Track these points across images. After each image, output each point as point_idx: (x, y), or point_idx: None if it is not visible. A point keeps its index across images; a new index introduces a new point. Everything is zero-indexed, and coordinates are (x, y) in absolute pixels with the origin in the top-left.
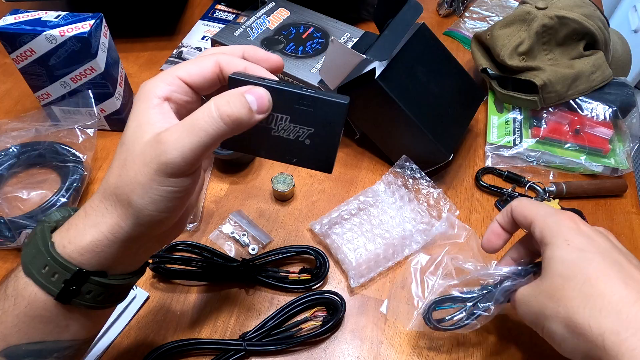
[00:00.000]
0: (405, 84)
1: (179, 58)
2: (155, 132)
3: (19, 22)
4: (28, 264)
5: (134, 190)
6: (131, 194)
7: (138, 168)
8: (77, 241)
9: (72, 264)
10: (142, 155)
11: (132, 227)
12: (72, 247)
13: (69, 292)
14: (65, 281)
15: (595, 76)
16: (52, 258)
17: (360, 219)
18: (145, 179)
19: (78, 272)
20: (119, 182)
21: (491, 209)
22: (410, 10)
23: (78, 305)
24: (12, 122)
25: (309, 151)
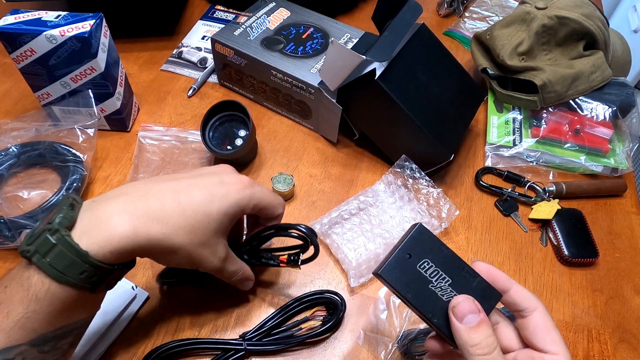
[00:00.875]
0: (405, 84)
1: (179, 58)
2: (225, 246)
3: (19, 22)
4: (63, 273)
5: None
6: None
7: (197, 239)
8: (108, 243)
9: (109, 264)
10: (203, 238)
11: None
12: (101, 250)
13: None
14: (100, 278)
15: (595, 76)
16: (92, 265)
17: (360, 219)
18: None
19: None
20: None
21: (491, 209)
22: (410, 11)
23: (100, 292)
24: (12, 122)
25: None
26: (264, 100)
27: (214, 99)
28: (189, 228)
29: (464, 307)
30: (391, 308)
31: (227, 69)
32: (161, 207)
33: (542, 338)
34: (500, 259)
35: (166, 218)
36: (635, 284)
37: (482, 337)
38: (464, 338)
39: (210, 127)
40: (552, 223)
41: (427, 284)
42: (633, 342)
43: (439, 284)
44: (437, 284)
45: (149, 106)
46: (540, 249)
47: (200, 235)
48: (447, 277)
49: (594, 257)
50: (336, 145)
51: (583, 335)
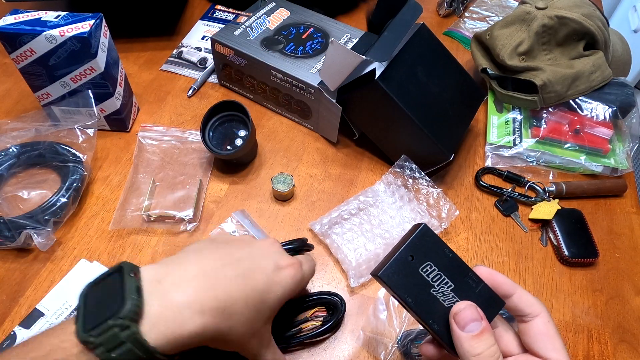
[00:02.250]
0: (405, 84)
1: (179, 58)
2: (269, 331)
3: (19, 22)
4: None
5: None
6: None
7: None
8: (176, 337)
9: (169, 356)
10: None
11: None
12: (167, 342)
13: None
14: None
15: (595, 76)
16: (143, 351)
17: (360, 219)
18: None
19: (172, 357)
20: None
21: (491, 209)
22: (410, 11)
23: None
24: (12, 122)
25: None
26: (264, 100)
27: (214, 99)
28: (251, 318)
29: (466, 314)
30: (391, 308)
31: (227, 69)
32: (229, 299)
33: (543, 345)
34: (500, 259)
35: (233, 312)
36: (635, 284)
37: (484, 347)
38: (465, 347)
39: (210, 127)
40: (552, 223)
41: (429, 288)
42: (633, 343)
43: (440, 289)
44: (439, 288)
45: (149, 106)
46: (540, 249)
47: (255, 324)
48: (450, 282)
49: (594, 257)
50: (336, 145)
51: (583, 336)
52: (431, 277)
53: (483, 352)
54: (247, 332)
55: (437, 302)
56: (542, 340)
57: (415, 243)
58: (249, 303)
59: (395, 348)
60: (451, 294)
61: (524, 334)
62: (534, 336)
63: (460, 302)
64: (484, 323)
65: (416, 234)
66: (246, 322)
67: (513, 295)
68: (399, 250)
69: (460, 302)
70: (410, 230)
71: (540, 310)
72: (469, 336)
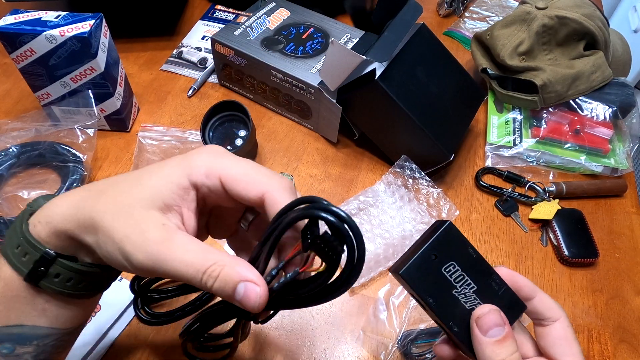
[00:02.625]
0: (405, 84)
1: (179, 58)
2: (165, 225)
3: (19, 22)
4: (6, 244)
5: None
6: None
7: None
8: (46, 220)
9: (41, 244)
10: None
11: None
12: (41, 226)
13: (37, 274)
14: (35, 262)
15: (595, 76)
16: (24, 238)
17: (360, 219)
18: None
19: (45, 254)
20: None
21: (491, 209)
22: (410, 11)
23: (47, 289)
24: (12, 122)
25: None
26: (264, 100)
27: (214, 99)
28: (111, 198)
29: (489, 319)
30: (391, 309)
31: (227, 69)
32: (104, 185)
33: (561, 350)
34: (500, 259)
35: (104, 192)
36: (635, 284)
37: (507, 353)
38: (487, 352)
39: (210, 127)
40: (552, 223)
41: (451, 289)
42: (633, 343)
43: (463, 290)
44: (462, 290)
45: (149, 106)
46: (540, 249)
47: (121, 201)
48: (473, 284)
49: (594, 257)
50: (336, 145)
51: (583, 336)
52: (454, 277)
53: (505, 358)
54: (110, 210)
55: (458, 304)
56: (560, 345)
57: (440, 241)
58: (113, 190)
59: (395, 348)
60: (473, 295)
61: (541, 337)
62: (552, 340)
63: (483, 306)
64: (507, 328)
65: (441, 232)
66: (111, 202)
67: (534, 299)
68: (422, 249)
69: (483, 305)
70: (433, 227)
71: (560, 314)
72: (491, 341)
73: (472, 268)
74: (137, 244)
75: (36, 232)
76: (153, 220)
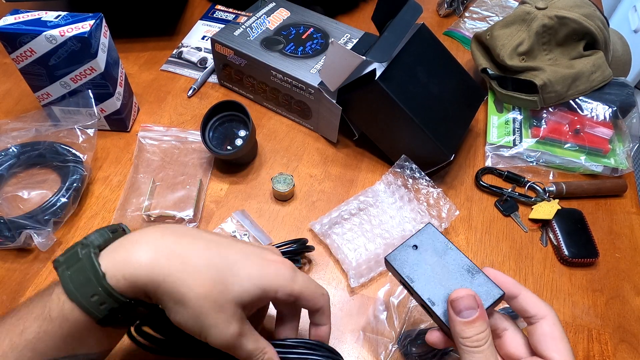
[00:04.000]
0: (405, 84)
1: (179, 58)
2: (242, 319)
3: (19, 22)
4: (75, 290)
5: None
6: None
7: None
8: (132, 279)
9: (123, 296)
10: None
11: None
12: (124, 282)
13: (113, 319)
14: (111, 309)
15: (595, 76)
16: (104, 289)
17: (360, 219)
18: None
19: (126, 305)
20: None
21: (491, 209)
22: (410, 11)
23: (116, 327)
24: (12, 122)
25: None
26: (264, 100)
27: (214, 99)
28: (209, 278)
29: (463, 302)
30: (391, 309)
31: (227, 69)
32: (189, 249)
33: (548, 346)
34: (500, 259)
35: (190, 259)
36: (635, 284)
37: (475, 332)
38: (457, 329)
39: (210, 127)
40: (552, 223)
41: (430, 273)
42: (633, 343)
43: (441, 276)
44: (440, 275)
45: (149, 106)
46: (540, 249)
47: (217, 293)
48: (450, 270)
49: (594, 257)
50: (336, 146)
51: (583, 336)
52: (433, 264)
53: (472, 336)
54: (206, 297)
55: (438, 287)
56: (547, 342)
57: (420, 236)
58: (211, 264)
59: (395, 348)
60: (451, 279)
61: (530, 335)
62: (539, 337)
63: (459, 289)
64: (479, 311)
65: (421, 229)
66: (205, 280)
67: (518, 297)
68: (405, 241)
69: (459, 289)
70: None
71: (547, 312)
72: (463, 321)
73: (449, 257)
74: (220, 335)
75: (118, 287)
76: (237, 318)
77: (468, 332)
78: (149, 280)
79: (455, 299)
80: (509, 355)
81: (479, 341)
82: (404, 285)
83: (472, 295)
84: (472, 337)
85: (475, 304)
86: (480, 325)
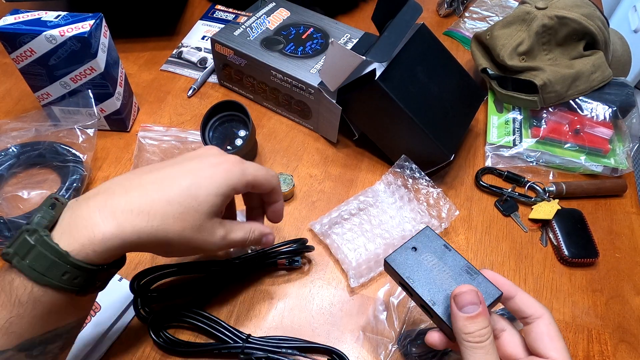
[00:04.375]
0: (405, 84)
1: (179, 58)
2: (222, 222)
3: (19, 22)
4: (43, 275)
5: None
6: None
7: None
8: (102, 242)
9: (92, 265)
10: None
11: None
12: (92, 247)
13: (90, 286)
14: (88, 278)
15: (595, 76)
16: (73, 266)
17: (360, 219)
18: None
19: (99, 270)
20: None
21: (491, 209)
22: (409, 11)
23: (90, 293)
24: (12, 122)
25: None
26: (264, 100)
27: (214, 99)
28: (178, 215)
29: (465, 297)
30: (391, 309)
31: (227, 69)
32: (145, 200)
33: (543, 345)
34: (500, 259)
35: (152, 210)
36: (635, 284)
37: (477, 328)
38: (459, 325)
39: (210, 127)
40: (552, 223)
41: (430, 274)
42: (633, 343)
43: (440, 275)
44: (439, 274)
45: (149, 106)
46: (540, 249)
47: (191, 220)
48: (449, 270)
49: (594, 257)
50: (336, 146)
51: (583, 336)
52: (431, 264)
53: (474, 332)
54: (184, 229)
55: (437, 287)
56: (542, 341)
57: (418, 238)
58: (173, 201)
59: (396, 348)
60: (450, 279)
61: (526, 335)
62: (535, 336)
63: (463, 285)
64: (481, 307)
65: (419, 232)
66: (176, 219)
67: (514, 298)
68: (404, 243)
69: (463, 285)
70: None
71: (543, 312)
72: (465, 316)
73: (448, 259)
74: (211, 246)
75: (81, 256)
76: (216, 224)
77: (471, 327)
78: (122, 244)
79: (458, 294)
80: (507, 355)
81: (481, 337)
82: (403, 287)
83: (474, 291)
84: (474, 333)
85: (478, 299)
86: (483, 321)
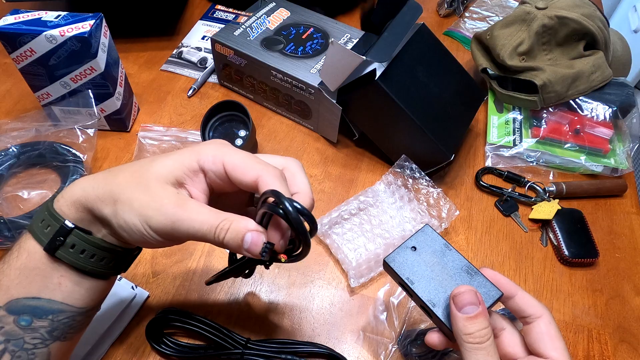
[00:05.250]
0: (405, 84)
1: (179, 58)
2: (179, 193)
3: (19, 22)
4: (33, 220)
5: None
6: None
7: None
8: (68, 195)
9: (61, 216)
10: (164, 198)
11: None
12: (63, 200)
13: (56, 243)
14: (55, 232)
15: (595, 76)
16: (48, 212)
17: (360, 219)
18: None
19: (64, 224)
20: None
21: (491, 209)
22: (409, 11)
23: (63, 259)
24: (12, 122)
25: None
26: (264, 100)
27: (214, 99)
28: (129, 175)
29: (465, 297)
30: (391, 309)
31: (227, 69)
32: (111, 173)
33: (543, 345)
34: (500, 259)
35: (114, 176)
36: (635, 284)
37: (476, 328)
38: (459, 326)
39: (210, 127)
40: (552, 223)
41: (430, 274)
42: (633, 343)
43: (440, 276)
44: (440, 275)
45: (149, 106)
46: (540, 249)
47: (138, 177)
48: (449, 271)
49: (594, 257)
50: (336, 146)
51: (583, 336)
52: (431, 265)
53: (474, 332)
54: (130, 183)
55: (437, 287)
56: (542, 340)
57: (418, 237)
58: (133, 164)
59: (396, 348)
60: (449, 279)
61: (526, 334)
62: (535, 336)
63: (461, 286)
64: (481, 307)
65: (419, 230)
66: (126, 176)
67: (515, 297)
68: (403, 242)
69: (462, 285)
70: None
71: (543, 312)
72: (464, 317)
73: (448, 258)
74: (157, 208)
75: (58, 206)
76: (168, 190)
77: (470, 327)
78: (89, 199)
79: (457, 294)
80: (507, 354)
81: (481, 337)
82: (402, 287)
83: (473, 291)
84: (474, 334)
85: (477, 299)
86: (482, 322)
